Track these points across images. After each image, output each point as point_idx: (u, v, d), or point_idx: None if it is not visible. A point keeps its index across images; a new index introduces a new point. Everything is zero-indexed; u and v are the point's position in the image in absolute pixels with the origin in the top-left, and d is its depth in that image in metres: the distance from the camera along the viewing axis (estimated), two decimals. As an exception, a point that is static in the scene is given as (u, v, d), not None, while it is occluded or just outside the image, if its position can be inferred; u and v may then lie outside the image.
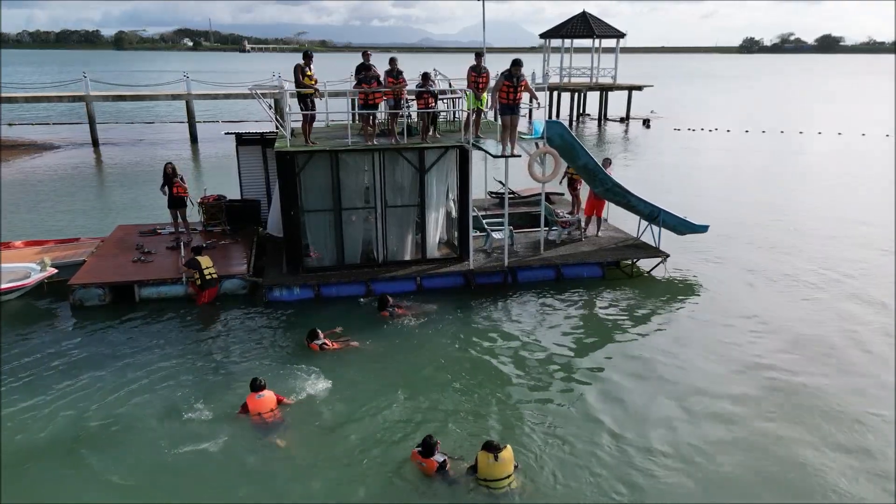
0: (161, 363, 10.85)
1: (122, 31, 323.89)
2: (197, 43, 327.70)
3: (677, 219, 15.72)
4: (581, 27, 44.74)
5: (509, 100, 13.00)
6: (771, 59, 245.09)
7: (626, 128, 43.98)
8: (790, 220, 20.11)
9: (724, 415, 9.51)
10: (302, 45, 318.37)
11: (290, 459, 8.46)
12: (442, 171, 14.25)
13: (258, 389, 9.22)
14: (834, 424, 9.29)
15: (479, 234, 15.65)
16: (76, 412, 9.42)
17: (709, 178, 27.11)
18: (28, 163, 30.15)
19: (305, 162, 13.31)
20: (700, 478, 8.14)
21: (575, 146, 14.75)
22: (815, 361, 11.12)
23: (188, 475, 8.16)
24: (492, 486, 7.68)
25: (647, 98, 54.92)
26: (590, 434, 8.97)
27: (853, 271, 15.47)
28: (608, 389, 10.20)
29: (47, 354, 11.13)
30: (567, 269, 14.73)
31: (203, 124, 39.95)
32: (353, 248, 14.25)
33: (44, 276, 13.20)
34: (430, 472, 7.94)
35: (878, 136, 38.64)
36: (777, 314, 13.02)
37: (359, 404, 9.63)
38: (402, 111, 14.05)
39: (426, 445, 7.98)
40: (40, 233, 17.86)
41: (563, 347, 11.66)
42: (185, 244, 15.24)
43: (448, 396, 9.94)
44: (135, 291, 13.30)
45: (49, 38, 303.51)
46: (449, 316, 12.82)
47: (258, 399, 9.16)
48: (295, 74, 13.33)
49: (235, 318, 12.71)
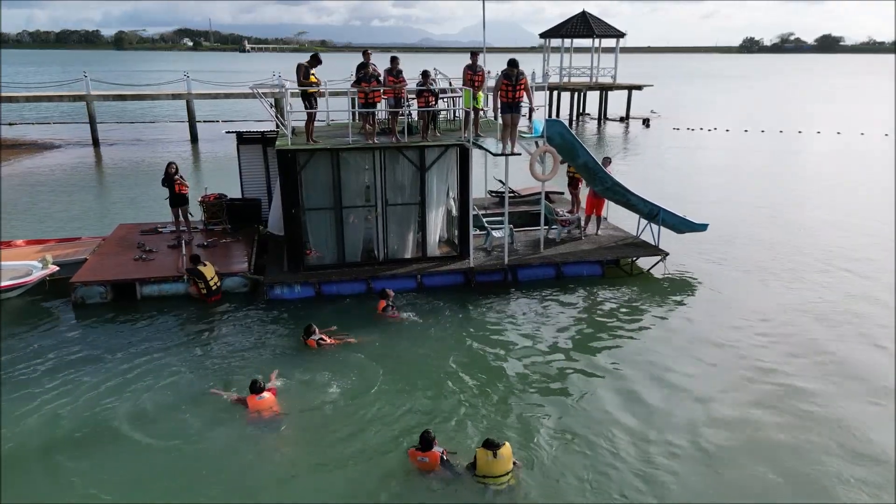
0: (162, 361, 10.90)
1: (122, 31, 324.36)
2: (197, 43, 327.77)
3: (677, 217, 15.77)
4: (581, 27, 44.81)
5: (508, 98, 13.06)
6: (771, 59, 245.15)
7: (626, 127, 44.03)
8: (789, 219, 20.16)
9: (723, 413, 9.55)
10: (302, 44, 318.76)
11: (289, 458, 8.48)
12: (442, 170, 14.30)
13: (258, 392, 9.26)
14: (834, 422, 9.32)
15: (480, 232, 15.70)
16: (77, 409, 9.45)
17: (708, 177, 27.15)
18: (29, 162, 30.20)
19: (306, 160, 13.36)
20: (699, 478, 8.17)
21: (575, 145, 14.80)
22: (815, 360, 11.15)
23: (188, 473, 8.20)
24: (490, 484, 7.71)
25: (647, 98, 54.99)
26: (588, 432, 9.00)
27: (853, 270, 15.52)
28: (607, 388, 10.23)
29: (48, 352, 11.17)
30: (567, 267, 14.78)
31: (203, 124, 40.02)
32: (353, 246, 14.30)
33: (45, 274, 13.25)
34: (434, 467, 7.95)
35: (877, 136, 38.70)
36: (776, 312, 13.06)
37: (358, 402, 9.67)
38: (402, 110, 14.10)
39: (425, 440, 7.98)
40: (41, 232, 17.92)
41: (563, 345, 11.71)
42: (187, 243, 15.30)
43: (447, 394, 9.98)
44: (136, 289, 13.35)
45: (49, 38, 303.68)
46: (449, 314, 12.87)
47: (259, 401, 9.22)
48: (297, 73, 13.38)
49: (236, 316, 12.75)
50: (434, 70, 15.41)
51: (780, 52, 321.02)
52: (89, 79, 35.05)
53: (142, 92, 40.31)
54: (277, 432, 9.01)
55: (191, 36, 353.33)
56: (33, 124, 43.52)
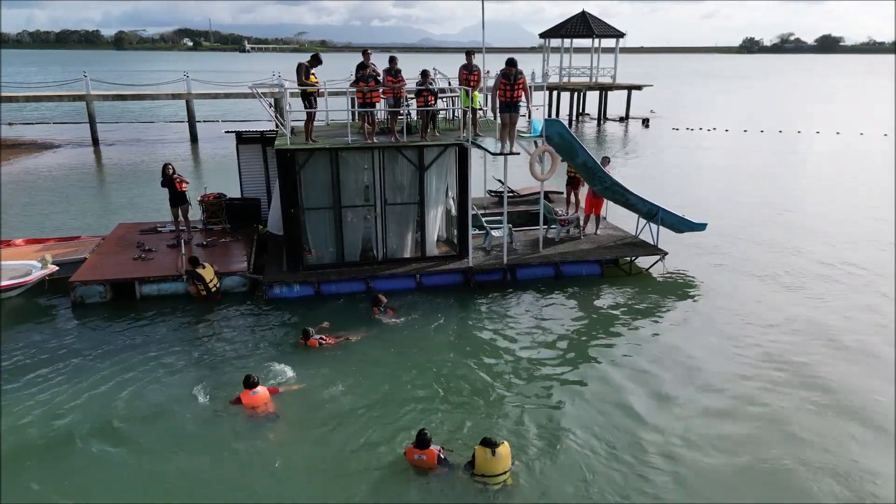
0: (161, 360, 10.91)
1: (122, 31, 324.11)
2: (197, 43, 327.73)
3: (676, 217, 15.78)
4: (580, 27, 44.83)
5: (507, 97, 13.08)
6: (771, 59, 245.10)
7: (626, 127, 44.04)
8: (788, 219, 20.16)
9: (722, 413, 9.56)
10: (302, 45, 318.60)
11: (285, 457, 8.47)
12: (441, 169, 14.31)
13: (252, 386, 9.33)
14: (833, 422, 9.34)
15: (479, 232, 15.71)
16: (76, 408, 9.46)
17: (707, 176, 27.16)
18: (28, 162, 30.20)
19: (306, 160, 13.37)
20: (698, 477, 8.17)
21: (574, 144, 14.80)
22: (814, 360, 11.15)
23: (185, 472, 8.21)
24: (488, 482, 7.72)
25: (647, 98, 54.99)
26: (587, 432, 9.00)
27: (852, 268, 15.53)
28: (605, 387, 10.24)
29: (48, 351, 11.19)
30: (566, 266, 14.80)
31: (203, 124, 40.03)
32: (352, 245, 14.31)
33: (45, 274, 13.26)
34: (431, 465, 7.96)
35: (876, 136, 38.69)
36: (775, 311, 13.07)
37: (357, 401, 9.68)
38: (401, 109, 14.11)
39: (421, 439, 7.98)
40: (41, 231, 17.93)
41: (561, 344, 11.72)
42: (186, 242, 15.31)
43: (445, 393, 9.99)
44: (135, 289, 13.36)
45: (49, 39, 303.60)
46: (448, 313, 12.88)
47: (252, 395, 9.28)
48: (298, 73, 13.40)
49: (235, 316, 12.76)
50: (434, 70, 15.42)
51: (780, 52, 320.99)
52: (89, 79, 35.07)
53: (141, 92, 40.32)
54: (275, 431, 9.01)
55: (191, 36, 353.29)
56: (33, 124, 43.52)
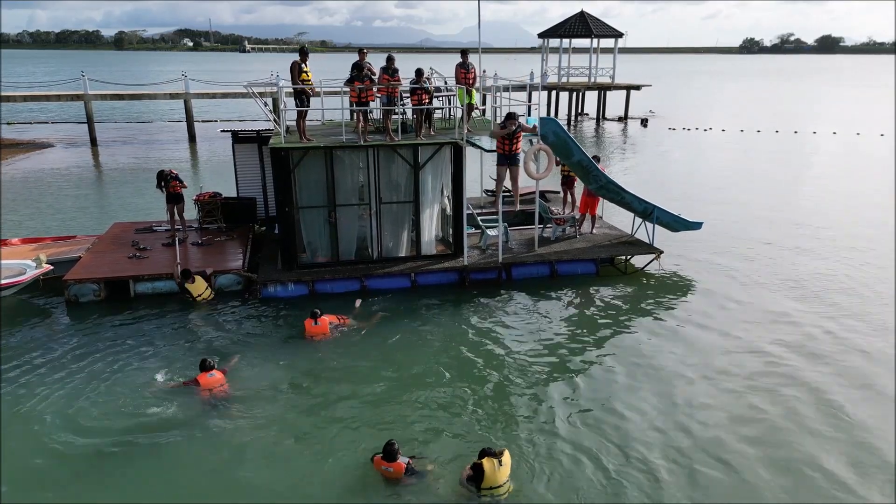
0: (155, 358, 10.90)
1: (122, 32, 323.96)
2: (197, 43, 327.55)
3: (671, 216, 15.76)
4: (579, 27, 44.83)
5: (504, 150, 13.18)
6: (771, 59, 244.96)
7: (624, 127, 44.02)
8: (784, 218, 20.13)
9: (720, 412, 9.54)
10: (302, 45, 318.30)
11: (271, 456, 8.44)
12: (436, 168, 14.30)
13: (208, 369, 9.88)
14: (833, 420, 9.33)
15: (475, 231, 15.70)
16: (70, 407, 9.45)
17: (704, 176, 27.14)
18: (26, 161, 30.20)
19: (300, 158, 13.36)
20: (696, 477, 8.15)
21: (569, 143, 14.77)
22: (812, 359, 11.13)
23: (182, 470, 8.25)
24: (495, 494, 7.41)
25: (646, 98, 54.97)
26: (584, 433, 8.96)
27: (851, 268, 15.51)
28: (602, 387, 10.22)
29: (42, 350, 11.18)
30: (561, 265, 14.78)
31: (201, 124, 40.02)
32: (347, 244, 14.30)
33: (39, 273, 13.24)
34: (398, 476, 7.73)
35: (874, 136, 38.65)
36: (771, 310, 13.06)
37: (349, 401, 9.68)
38: (396, 108, 14.10)
39: (388, 452, 7.71)
40: (37, 231, 17.93)
41: (557, 344, 11.70)
42: (181, 241, 15.30)
43: (439, 393, 9.96)
44: (130, 287, 13.35)
45: (49, 39, 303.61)
46: (443, 312, 12.87)
47: (209, 378, 9.83)
48: (292, 72, 13.42)
49: (230, 314, 12.75)
50: (430, 69, 15.42)
51: (780, 52, 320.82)
52: (87, 78, 35.05)
53: (140, 91, 40.30)
54: (256, 431, 8.93)
55: (191, 36, 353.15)
56: (31, 124, 43.52)
